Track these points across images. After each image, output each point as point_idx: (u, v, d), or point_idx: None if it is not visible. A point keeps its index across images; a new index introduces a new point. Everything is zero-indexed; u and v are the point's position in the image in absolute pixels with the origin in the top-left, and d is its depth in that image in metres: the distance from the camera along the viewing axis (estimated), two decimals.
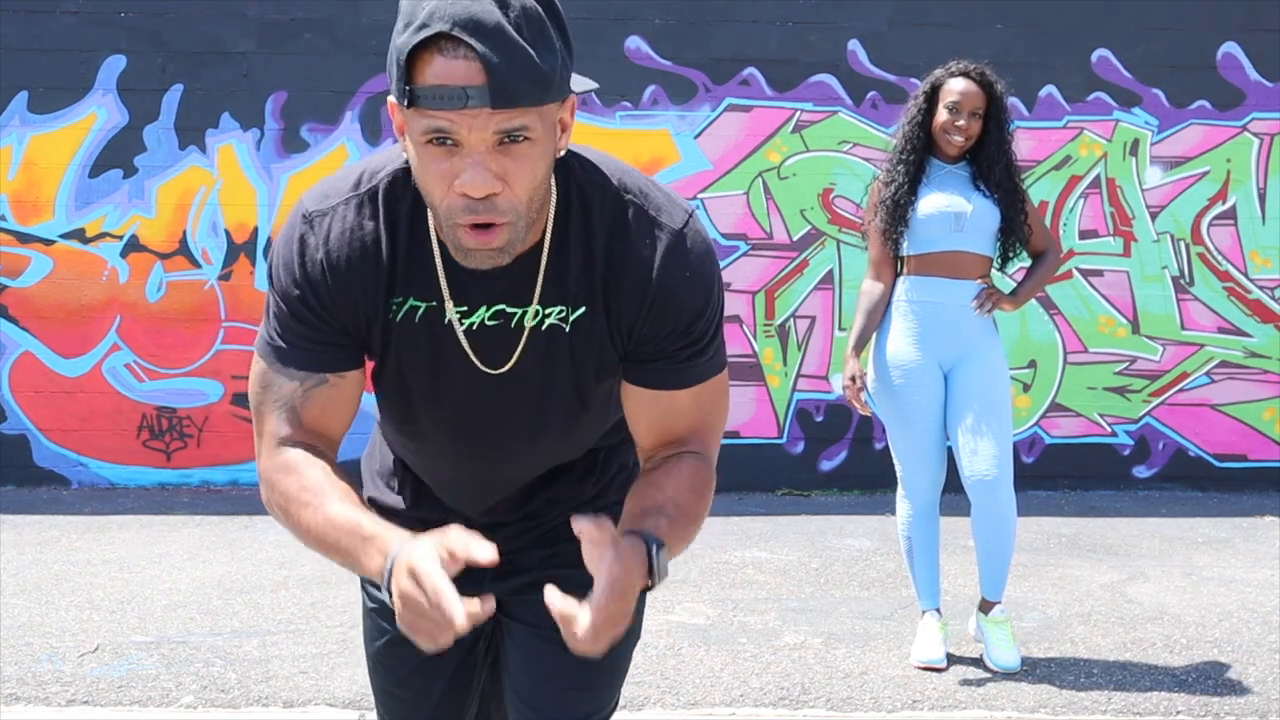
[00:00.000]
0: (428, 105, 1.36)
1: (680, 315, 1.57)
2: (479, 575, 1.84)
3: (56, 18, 6.78)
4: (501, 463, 1.77)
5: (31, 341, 6.84)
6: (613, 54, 6.84)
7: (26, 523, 5.93)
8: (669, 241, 1.56)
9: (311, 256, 1.56)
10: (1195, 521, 6.16)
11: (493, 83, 1.34)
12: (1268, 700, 3.58)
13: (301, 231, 1.57)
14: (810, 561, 5.28)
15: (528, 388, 1.65)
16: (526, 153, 1.40)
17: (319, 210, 1.58)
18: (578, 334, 1.60)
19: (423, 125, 1.39)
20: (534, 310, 1.58)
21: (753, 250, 6.92)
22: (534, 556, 1.84)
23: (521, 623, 1.84)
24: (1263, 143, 7.00)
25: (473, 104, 1.35)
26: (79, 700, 3.56)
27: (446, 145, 1.39)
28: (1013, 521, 3.80)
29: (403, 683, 1.86)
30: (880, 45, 6.90)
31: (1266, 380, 7.04)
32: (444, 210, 1.44)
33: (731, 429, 6.94)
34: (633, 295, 1.56)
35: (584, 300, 1.58)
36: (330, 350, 1.60)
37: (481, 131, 1.37)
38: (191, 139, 6.84)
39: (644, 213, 1.57)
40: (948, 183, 3.88)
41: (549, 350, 1.61)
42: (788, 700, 3.58)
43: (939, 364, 3.87)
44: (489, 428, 1.70)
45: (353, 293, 1.57)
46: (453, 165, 1.40)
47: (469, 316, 1.59)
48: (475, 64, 1.34)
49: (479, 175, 1.38)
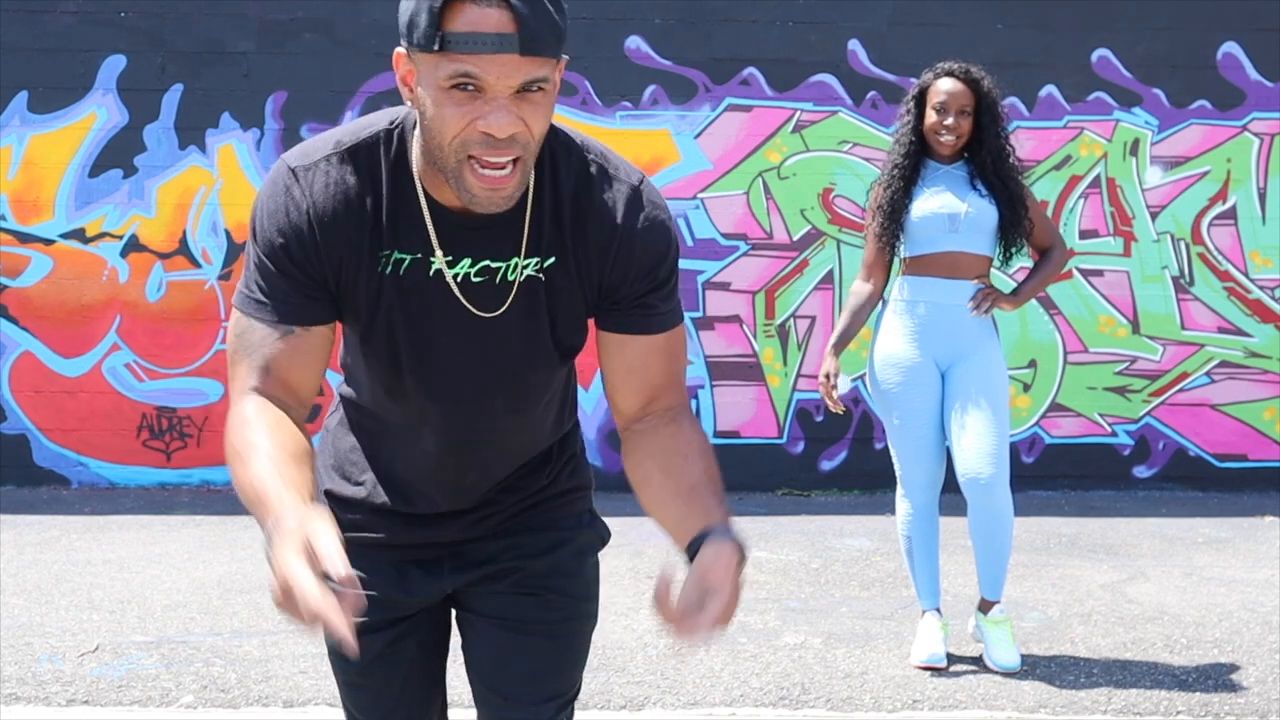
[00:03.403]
0: (460, 50, 1.44)
1: (645, 259, 1.68)
2: (437, 567, 1.86)
3: (56, 17, 6.78)
4: (477, 429, 1.78)
5: (31, 341, 6.84)
6: (613, 54, 6.84)
7: (26, 523, 5.93)
8: (628, 194, 1.68)
9: (298, 206, 1.61)
10: (1195, 521, 6.16)
11: (523, 32, 1.44)
12: (1268, 700, 3.58)
13: (286, 183, 1.62)
14: (810, 561, 5.28)
15: (510, 339, 1.71)
16: (541, 101, 1.50)
17: (303, 165, 1.63)
18: (551, 284, 1.68)
19: (450, 69, 1.46)
20: (516, 263, 1.66)
21: (753, 250, 6.92)
22: (492, 547, 1.86)
23: (481, 615, 1.87)
24: (1263, 143, 7.00)
25: (505, 49, 1.44)
26: (79, 700, 3.56)
27: (469, 90, 1.47)
28: (1009, 521, 3.80)
29: (364, 673, 1.88)
30: (880, 45, 6.90)
31: (1266, 380, 7.04)
32: (457, 144, 1.50)
33: (731, 429, 6.95)
34: (599, 243, 1.67)
35: (555, 250, 1.67)
36: (308, 303, 1.64)
37: (509, 79, 1.46)
38: (191, 139, 6.84)
39: (604, 170, 1.69)
40: (944, 183, 3.88)
41: (529, 302, 1.69)
42: (788, 700, 3.58)
43: (936, 363, 3.87)
44: (472, 384, 1.74)
45: (338, 244, 1.62)
46: (474, 108, 1.48)
47: (453, 267, 1.65)
48: (506, 13, 1.44)
49: (505, 117, 1.47)
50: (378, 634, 1.85)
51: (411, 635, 1.88)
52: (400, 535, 1.85)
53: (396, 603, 1.85)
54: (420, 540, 1.86)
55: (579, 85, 6.84)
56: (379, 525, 1.85)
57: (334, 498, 1.89)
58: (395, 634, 1.86)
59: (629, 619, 4.33)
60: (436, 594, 1.88)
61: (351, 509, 1.87)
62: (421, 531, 1.85)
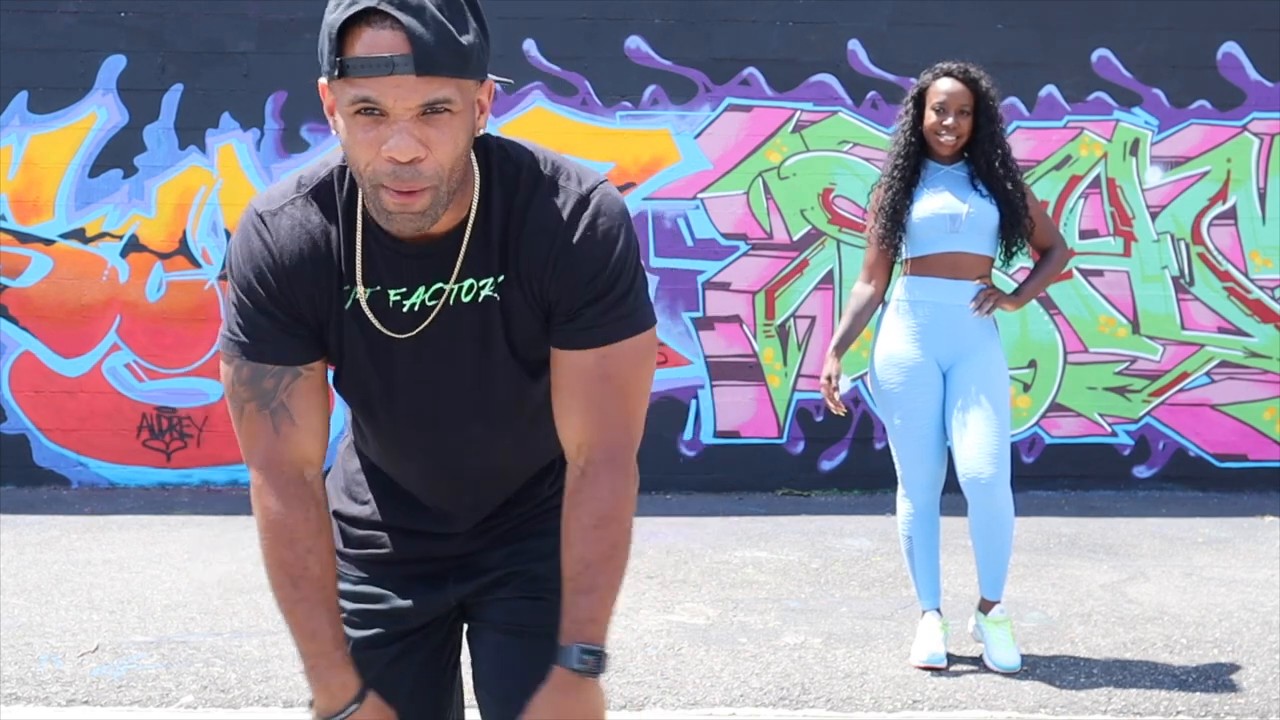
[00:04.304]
0: (357, 73, 1.47)
1: (585, 269, 1.65)
2: (441, 580, 1.87)
3: (56, 17, 6.79)
4: (461, 451, 1.80)
5: (31, 341, 6.84)
6: (613, 54, 6.84)
7: (26, 523, 5.93)
8: (574, 204, 1.66)
9: (267, 250, 1.66)
10: (1195, 521, 6.16)
11: (416, 51, 1.46)
12: (1268, 700, 3.58)
13: (255, 228, 1.68)
14: (810, 561, 5.28)
15: (473, 363, 1.71)
16: (447, 123, 1.51)
17: (269, 210, 1.68)
18: (506, 302, 1.68)
19: (351, 95, 1.49)
20: (468, 284, 1.67)
21: (753, 250, 6.92)
22: (496, 556, 1.88)
23: (488, 623, 1.87)
24: (1263, 143, 7.00)
25: (399, 70, 1.46)
26: (79, 700, 3.56)
27: (373, 115, 1.49)
28: (1010, 521, 3.80)
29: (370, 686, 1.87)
30: (880, 45, 6.90)
31: (1266, 380, 7.04)
32: (369, 175, 1.53)
33: (731, 429, 6.95)
34: (542, 257, 1.66)
35: (503, 268, 1.67)
36: (296, 342, 1.68)
37: (406, 101, 1.47)
38: (191, 139, 6.84)
39: (554, 181, 1.67)
40: (945, 184, 3.88)
41: (485, 322, 1.69)
42: (788, 700, 3.58)
43: (938, 362, 3.87)
44: (445, 411, 1.75)
45: (306, 283, 1.66)
46: (379, 133, 1.50)
47: (409, 298, 1.67)
48: (400, 34, 1.46)
49: (404, 140, 1.49)
50: (383, 648, 1.86)
51: (418, 650, 1.89)
52: (405, 550, 1.87)
53: (403, 615, 1.86)
54: (425, 554, 1.87)
55: (579, 85, 6.84)
56: (384, 541, 1.88)
57: (341, 516, 1.92)
58: (401, 648, 1.87)
59: (629, 619, 4.33)
60: (442, 606, 1.88)
61: (358, 525, 1.91)
62: (426, 546, 1.87)
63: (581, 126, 6.84)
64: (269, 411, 1.69)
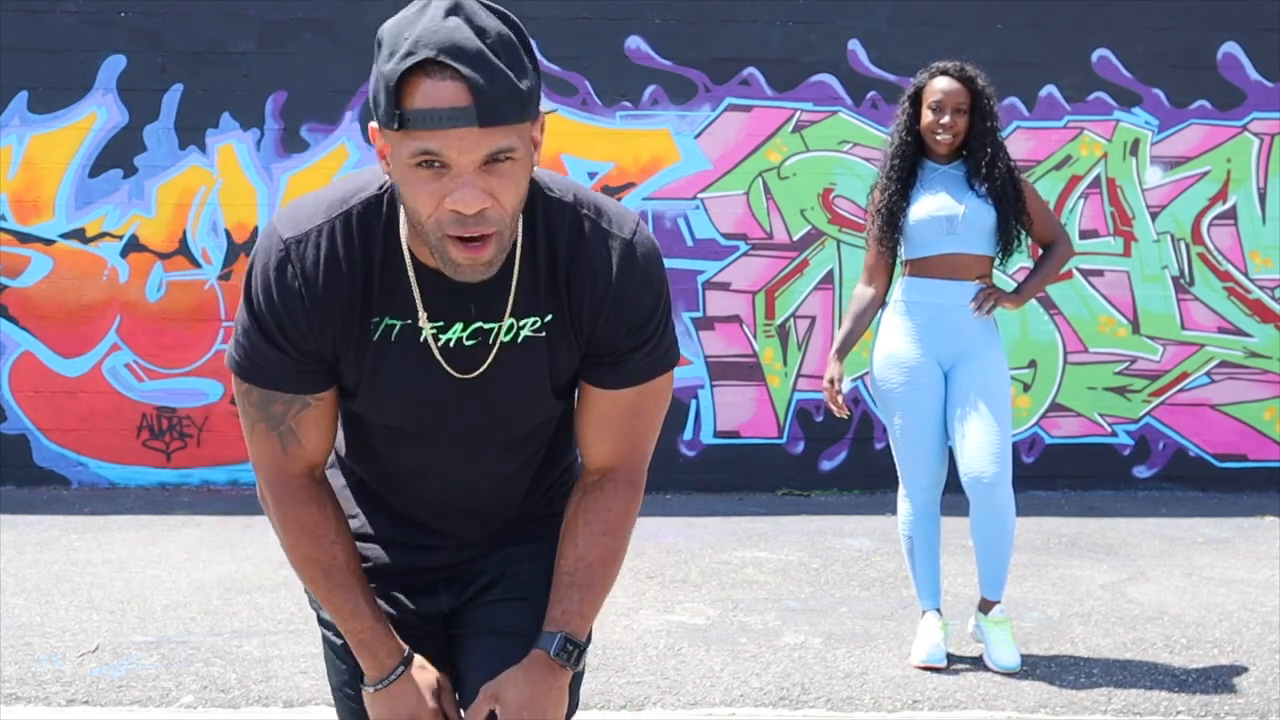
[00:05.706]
0: (418, 126, 1.42)
1: (635, 316, 1.68)
2: (433, 586, 1.87)
3: (56, 18, 6.78)
4: (473, 479, 1.81)
5: (31, 341, 6.84)
6: (613, 54, 6.83)
7: (26, 523, 5.93)
8: (622, 250, 1.66)
9: (291, 289, 1.61)
10: (1195, 521, 6.16)
11: (479, 103, 1.42)
12: (1268, 700, 3.58)
13: (279, 259, 1.61)
14: (810, 561, 5.28)
15: (504, 400, 1.71)
16: (510, 171, 1.48)
17: (295, 236, 1.61)
18: (551, 340, 1.68)
19: (412, 148, 1.45)
20: (509, 324, 1.65)
21: (753, 250, 6.92)
22: (487, 562, 1.88)
23: (479, 629, 1.87)
24: (1263, 143, 7.00)
25: (461, 123, 1.41)
26: (79, 700, 3.56)
27: (435, 168, 1.45)
28: (1011, 521, 3.80)
29: (352, 683, 1.87)
30: (880, 45, 6.90)
31: (1266, 380, 7.04)
32: (432, 224, 1.49)
33: (731, 429, 6.95)
34: (592, 301, 1.66)
35: (550, 308, 1.66)
36: (307, 377, 1.67)
37: (470, 153, 1.44)
38: (191, 139, 6.84)
39: (598, 225, 1.66)
40: (941, 184, 3.88)
41: (526, 360, 1.68)
42: (788, 700, 3.58)
43: (938, 362, 3.87)
44: (466, 444, 1.76)
45: (330, 316, 1.63)
46: (442, 185, 1.46)
47: (445, 332, 1.65)
48: (461, 85, 1.41)
49: (470, 194, 1.45)
50: None
51: None
52: (396, 561, 1.87)
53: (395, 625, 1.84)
54: (415, 565, 1.87)
55: (579, 85, 6.84)
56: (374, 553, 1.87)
57: None
58: None
59: (629, 619, 4.33)
60: (434, 612, 1.88)
61: None
62: (416, 557, 1.87)
63: (581, 126, 6.84)
64: (278, 434, 1.69)
